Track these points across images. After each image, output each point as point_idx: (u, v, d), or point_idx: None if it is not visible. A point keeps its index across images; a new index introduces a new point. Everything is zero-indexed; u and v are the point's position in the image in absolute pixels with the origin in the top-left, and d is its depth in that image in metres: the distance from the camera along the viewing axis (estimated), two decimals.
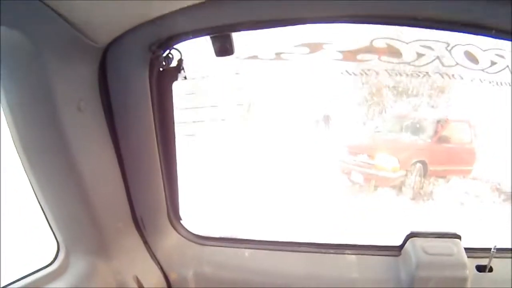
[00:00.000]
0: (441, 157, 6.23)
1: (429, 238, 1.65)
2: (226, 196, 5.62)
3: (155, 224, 1.72)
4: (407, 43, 5.43)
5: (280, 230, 4.75)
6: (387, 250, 1.68)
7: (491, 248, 1.58)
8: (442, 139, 6.30)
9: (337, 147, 6.37)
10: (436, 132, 6.31)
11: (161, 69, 1.43)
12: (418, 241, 1.64)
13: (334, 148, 6.35)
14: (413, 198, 5.97)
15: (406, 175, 6.10)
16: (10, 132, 1.27)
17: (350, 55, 5.70)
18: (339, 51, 5.65)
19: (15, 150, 1.30)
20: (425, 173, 6.13)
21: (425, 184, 6.04)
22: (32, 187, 1.36)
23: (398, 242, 1.69)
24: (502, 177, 5.62)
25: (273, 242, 1.79)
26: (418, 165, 6.15)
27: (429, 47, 5.41)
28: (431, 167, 6.15)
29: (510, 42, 1.35)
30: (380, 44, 5.51)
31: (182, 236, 1.79)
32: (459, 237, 1.65)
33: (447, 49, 5.34)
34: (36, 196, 1.38)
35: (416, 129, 6.44)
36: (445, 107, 6.20)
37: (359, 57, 5.71)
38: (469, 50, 5.27)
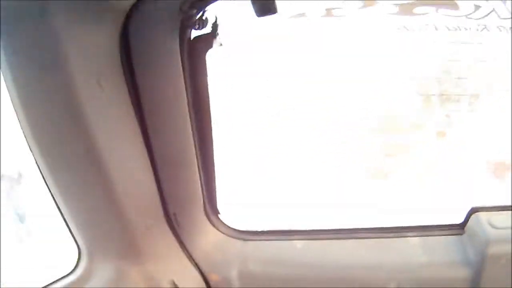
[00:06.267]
0: None
1: (494, 212, 1.50)
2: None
3: (190, 220, 1.56)
4: None
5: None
6: (449, 229, 1.56)
7: None
8: None
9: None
10: None
11: (193, 35, 1.24)
12: (482, 215, 1.49)
13: None
14: None
15: None
16: (16, 113, 1.09)
17: (406, 8, 5.57)
18: (395, 4, 5.55)
19: (23, 136, 1.12)
20: None
21: None
22: (46, 181, 1.20)
23: (458, 220, 1.55)
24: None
25: (327, 231, 1.63)
26: None
27: None
28: None
29: None
30: None
31: (221, 232, 1.63)
32: None
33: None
34: (51, 192, 1.22)
35: None
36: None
37: (416, 10, 5.60)
38: None
